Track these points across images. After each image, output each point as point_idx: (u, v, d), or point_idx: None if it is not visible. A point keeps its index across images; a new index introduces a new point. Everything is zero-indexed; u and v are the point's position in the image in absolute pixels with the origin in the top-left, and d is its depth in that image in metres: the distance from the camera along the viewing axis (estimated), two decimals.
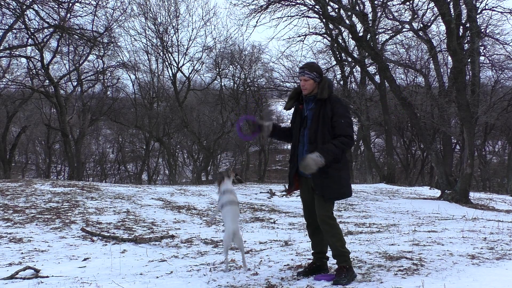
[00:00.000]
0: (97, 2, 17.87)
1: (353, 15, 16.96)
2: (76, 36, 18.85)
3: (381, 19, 17.76)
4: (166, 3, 26.69)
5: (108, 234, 6.57)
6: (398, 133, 27.83)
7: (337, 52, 23.82)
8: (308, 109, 3.80)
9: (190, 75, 28.71)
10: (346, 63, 24.77)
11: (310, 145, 3.68)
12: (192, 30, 40.39)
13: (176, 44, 27.51)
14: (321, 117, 3.68)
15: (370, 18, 16.65)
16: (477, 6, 14.86)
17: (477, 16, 14.84)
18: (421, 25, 16.11)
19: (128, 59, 28.11)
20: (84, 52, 23.57)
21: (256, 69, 29.48)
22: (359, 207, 10.93)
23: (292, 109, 4.02)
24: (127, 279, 4.09)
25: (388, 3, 14.96)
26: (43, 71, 21.23)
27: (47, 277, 4.38)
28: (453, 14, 12.65)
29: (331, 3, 15.91)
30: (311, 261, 4.03)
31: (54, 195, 9.58)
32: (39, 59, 20.68)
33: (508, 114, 23.35)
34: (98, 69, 26.16)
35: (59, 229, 6.89)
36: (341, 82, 25.59)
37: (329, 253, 3.93)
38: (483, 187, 27.82)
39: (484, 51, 17.31)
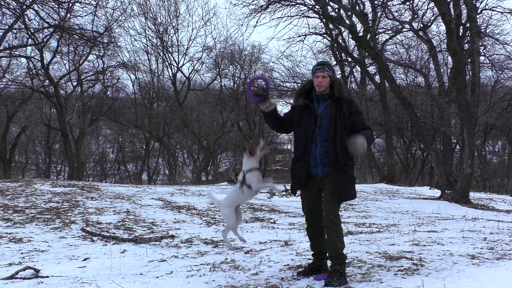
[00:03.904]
0: (97, 2, 17.88)
1: (353, 15, 16.95)
2: (76, 36, 18.85)
3: (381, 19, 17.76)
4: (166, 3, 26.74)
5: (108, 234, 6.57)
6: (398, 133, 27.83)
7: (337, 52, 23.81)
8: (322, 108, 3.77)
9: (190, 75, 28.77)
10: (346, 63, 24.77)
11: (329, 143, 3.67)
12: (192, 30, 40.45)
13: (176, 44, 27.57)
14: (339, 116, 3.69)
15: (370, 18, 16.64)
16: (477, 6, 14.86)
17: (477, 16, 14.84)
18: (421, 25, 16.10)
19: (128, 59, 28.17)
20: (84, 52, 23.60)
21: (256, 69, 29.50)
22: (359, 207, 10.93)
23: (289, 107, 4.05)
24: (127, 279, 4.09)
25: (388, 3, 14.96)
26: (43, 71, 21.24)
27: (47, 277, 4.38)
28: (453, 14, 12.65)
29: (331, 3, 15.91)
30: (311, 261, 4.03)
31: (54, 195, 9.58)
32: (39, 59, 20.69)
33: (508, 114, 23.36)
34: (98, 69, 26.19)
35: (59, 229, 6.89)
36: None
37: None
38: (483, 187, 27.82)
39: (484, 51, 17.31)
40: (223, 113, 30.18)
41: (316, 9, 16.54)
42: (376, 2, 16.72)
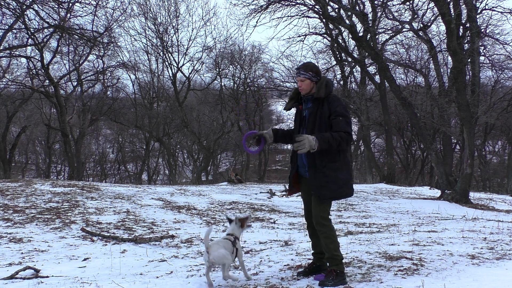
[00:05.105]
0: (97, 2, 17.88)
1: (353, 15, 16.94)
2: (76, 36, 18.86)
3: (381, 19, 17.75)
4: (166, 3, 26.74)
5: (108, 234, 6.57)
6: (398, 133, 27.84)
7: (337, 52, 23.82)
8: (306, 109, 3.81)
9: (190, 75, 28.76)
10: (346, 63, 24.77)
11: None
12: (192, 30, 40.66)
13: (176, 44, 27.56)
14: (318, 116, 3.66)
15: (370, 18, 16.64)
16: (477, 6, 14.87)
17: (477, 16, 14.85)
18: (421, 25, 16.10)
19: (128, 59, 28.19)
20: (84, 52, 23.62)
21: (256, 69, 29.55)
22: (359, 207, 10.93)
23: (294, 110, 4.03)
24: (127, 279, 4.09)
25: (388, 3, 14.96)
26: (43, 71, 21.24)
27: (47, 277, 4.38)
28: (453, 14, 12.65)
29: (331, 3, 15.90)
30: (311, 261, 4.03)
31: (54, 195, 9.58)
32: (39, 59, 20.70)
33: (508, 114, 23.37)
34: (98, 69, 26.21)
35: (59, 229, 6.89)
36: (341, 82, 25.60)
37: None
38: (483, 187, 27.82)
39: (484, 51, 17.33)
40: (223, 113, 30.18)
41: (316, 9, 16.55)
42: (376, 2, 16.72)
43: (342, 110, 3.61)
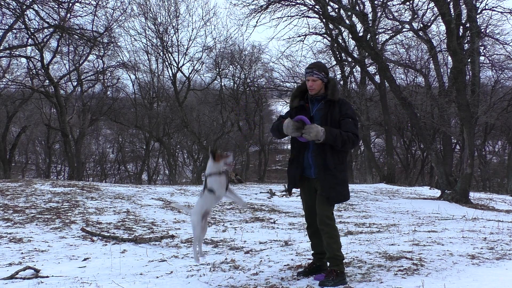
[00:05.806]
0: (97, 2, 17.88)
1: (353, 15, 16.95)
2: (76, 36, 18.86)
3: (381, 19, 17.76)
4: (166, 3, 26.69)
5: (108, 234, 6.57)
6: (398, 133, 27.84)
7: (337, 52, 23.83)
8: (315, 110, 3.76)
9: (190, 75, 28.74)
10: (346, 63, 24.78)
11: (318, 145, 3.65)
12: (192, 30, 40.48)
13: (176, 44, 27.52)
14: (329, 118, 3.66)
15: (370, 18, 16.65)
16: (477, 6, 14.89)
17: (477, 16, 14.87)
18: (421, 25, 16.12)
19: (128, 59, 28.15)
20: (84, 52, 23.61)
21: (256, 69, 29.54)
22: (359, 207, 10.93)
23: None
24: (127, 279, 4.09)
25: (388, 3, 14.97)
26: (43, 71, 21.24)
27: (47, 277, 4.38)
28: (453, 14, 12.66)
29: (331, 3, 15.91)
30: (311, 261, 4.03)
31: (54, 195, 9.58)
32: (39, 59, 20.70)
33: (508, 114, 23.37)
34: (98, 69, 26.20)
35: (59, 229, 6.89)
36: (341, 82, 25.60)
37: None
38: (483, 187, 27.82)
39: (484, 51, 17.35)
40: (223, 113, 30.18)
41: (316, 9, 16.56)
42: (376, 2, 16.72)
43: (351, 113, 3.71)
